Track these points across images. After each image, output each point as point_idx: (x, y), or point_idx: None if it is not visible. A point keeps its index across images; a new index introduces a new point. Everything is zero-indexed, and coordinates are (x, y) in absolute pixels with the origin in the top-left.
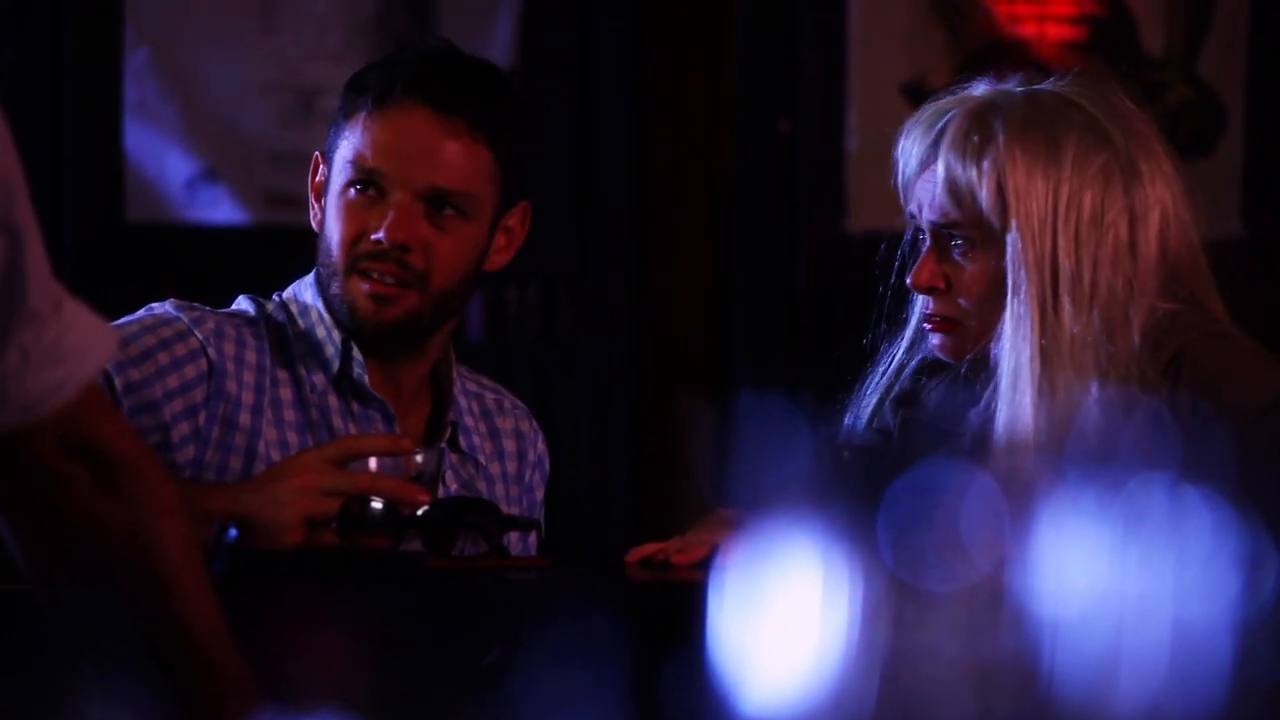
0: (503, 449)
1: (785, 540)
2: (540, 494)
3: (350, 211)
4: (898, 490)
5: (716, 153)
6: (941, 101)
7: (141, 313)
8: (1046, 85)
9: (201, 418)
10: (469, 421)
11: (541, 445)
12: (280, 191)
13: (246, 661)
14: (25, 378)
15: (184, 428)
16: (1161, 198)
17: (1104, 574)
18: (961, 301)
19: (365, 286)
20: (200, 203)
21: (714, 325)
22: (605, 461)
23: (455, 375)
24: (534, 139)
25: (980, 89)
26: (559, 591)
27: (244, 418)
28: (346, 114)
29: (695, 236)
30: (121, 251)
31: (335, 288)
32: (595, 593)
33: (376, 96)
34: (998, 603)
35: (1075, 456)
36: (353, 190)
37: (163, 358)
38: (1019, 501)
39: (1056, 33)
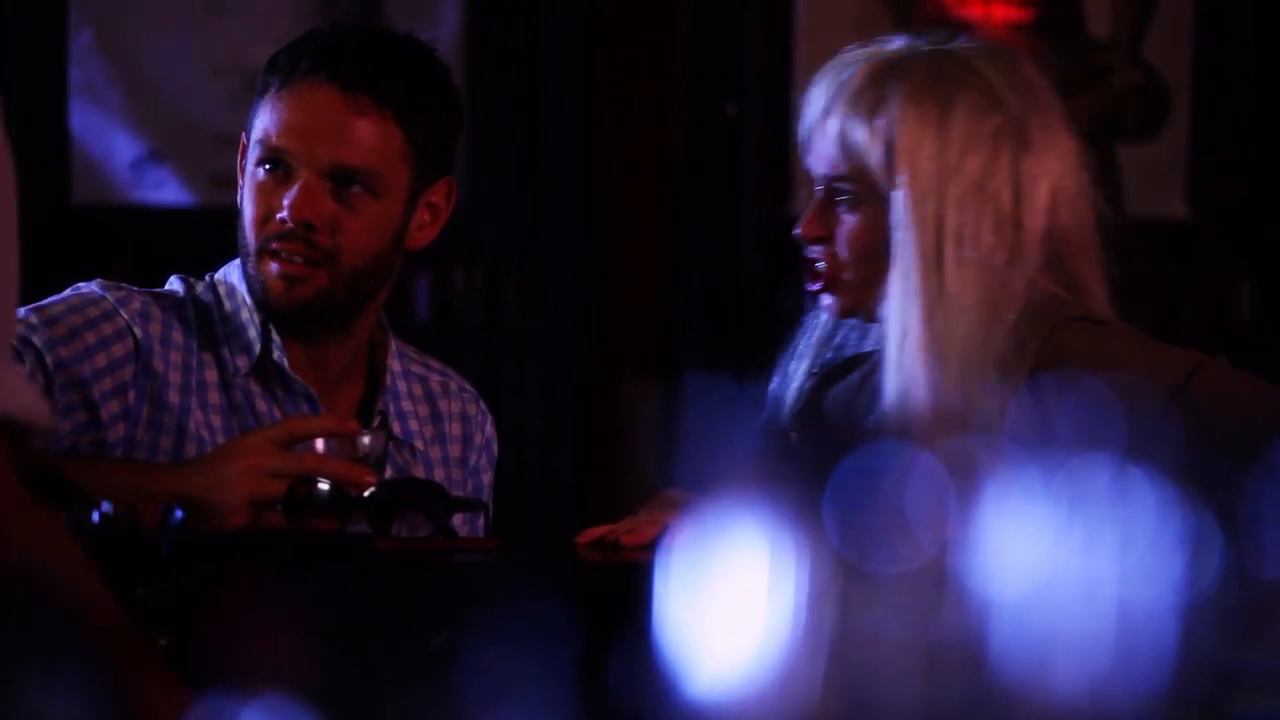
0: (446, 432)
1: (733, 521)
2: (488, 478)
3: (259, 191)
4: (844, 472)
5: (664, 136)
6: (851, 54)
7: (68, 292)
8: (954, 45)
9: (131, 396)
10: (406, 406)
11: (490, 429)
12: (226, 173)
13: (166, 661)
14: None
15: (113, 406)
16: (1052, 170)
17: (1048, 555)
18: (841, 253)
19: (274, 267)
20: (146, 184)
21: (662, 308)
22: (553, 445)
23: (393, 359)
24: (478, 121)
25: (894, 45)
26: (507, 573)
27: (172, 396)
28: (260, 92)
29: (643, 219)
30: (67, 233)
31: (250, 268)
32: (544, 574)
33: (284, 75)
34: (943, 584)
35: (1015, 435)
36: (262, 170)
37: (90, 337)
38: (963, 483)
39: (1003, 14)
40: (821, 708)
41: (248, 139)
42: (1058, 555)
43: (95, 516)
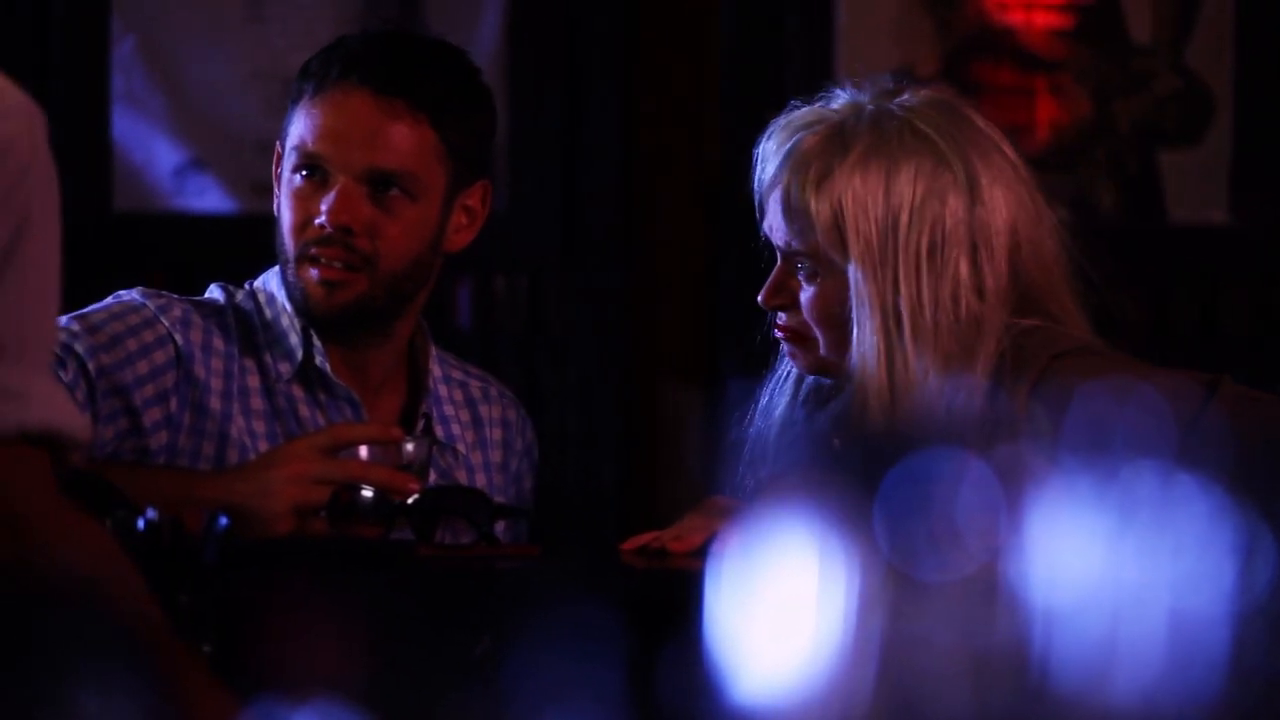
0: (487, 438)
1: (781, 528)
2: (529, 484)
3: (296, 198)
4: (894, 478)
5: (703, 142)
6: (799, 114)
7: (109, 300)
8: (895, 105)
9: (173, 403)
10: (448, 410)
11: (530, 434)
12: (267, 181)
13: (215, 669)
14: None
15: (155, 413)
16: (1010, 220)
17: (1100, 563)
18: (807, 319)
19: (314, 273)
20: (188, 192)
21: (702, 315)
22: (593, 452)
23: (433, 364)
24: (519, 127)
25: (838, 102)
26: (551, 580)
27: (214, 403)
28: (294, 100)
29: (683, 226)
30: (109, 240)
31: (289, 275)
32: (588, 581)
33: (317, 81)
34: (994, 591)
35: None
36: (298, 176)
37: (131, 344)
38: (1015, 490)
39: (1044, 20)
40: (871, 716)
41: (282, 147)
42: (1108, 563)
43: (140, 524)
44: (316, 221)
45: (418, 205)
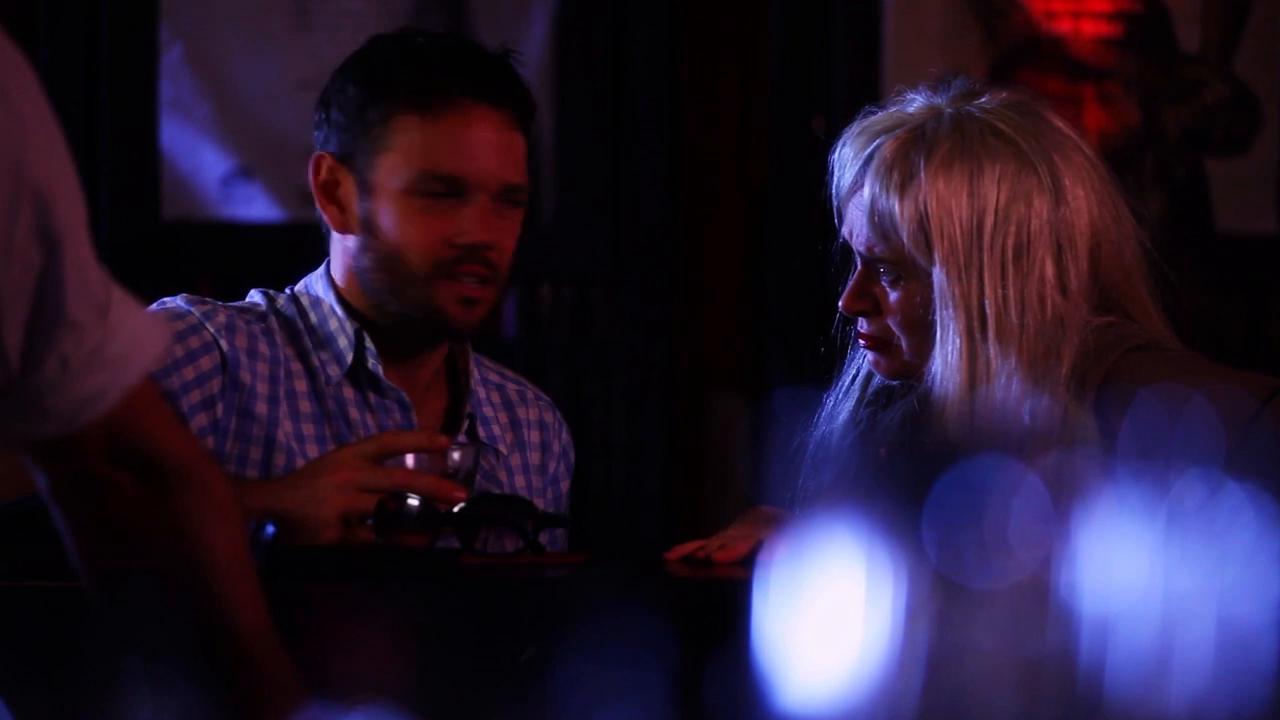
0: (525, 440)
1: (828, 537)
2: (566, 486)
3: (429, 216)
4: (942, 486)
5: (750, 151)
6: (876, 118)
7: (153, 307)
8: (975, 107)
9: (219, 409)
10: (488, 412)
11: (566, 436)
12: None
13: (294, 664)
14: (66, 387)
15: (201, 419)
16: (1092, 220)
17: (1148, 572)
18: (890, 323)
19: (456, 290)
20: (235, 200)
21: (748, 323)
22: (639, 460)
23: (472, 366)
24: (566, 137)
25: (914, 105)
26: (597, 588)
27: (260, 407)
28: (383, 115)
29: (729, 234)
30: (157, 248)
31: (414, 293)
32: (634, 589)
33: (424, 97)
34: (1043, 600)
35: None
36: (428, 195)
37: (177, 350)
38: (1065, 498)
39: (1092, 29)
40: None
41: (344, 162)
42: (1157, 572)
43: None
44: (459, 241)
45: (522, 212)
